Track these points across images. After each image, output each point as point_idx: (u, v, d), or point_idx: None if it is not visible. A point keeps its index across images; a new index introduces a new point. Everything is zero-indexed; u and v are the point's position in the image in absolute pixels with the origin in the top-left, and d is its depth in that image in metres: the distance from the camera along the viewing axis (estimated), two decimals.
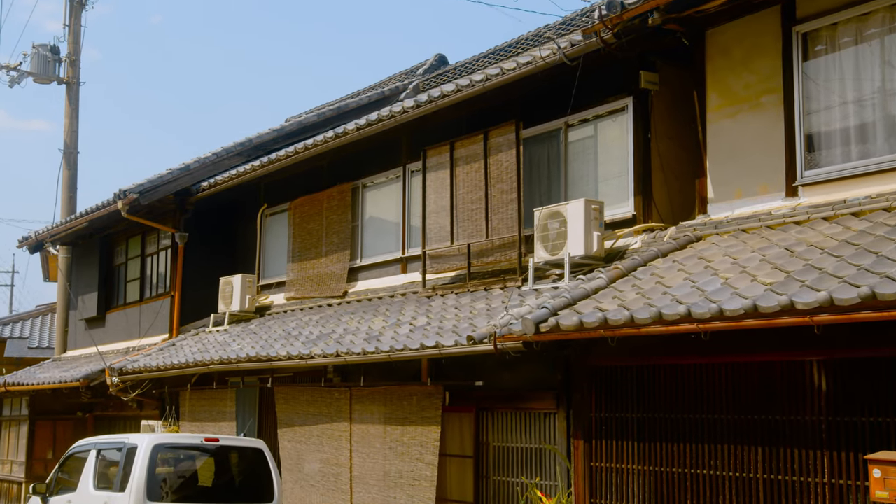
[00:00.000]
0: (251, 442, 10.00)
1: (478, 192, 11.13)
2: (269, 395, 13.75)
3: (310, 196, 14.95)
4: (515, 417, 9.67)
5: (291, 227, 15.29)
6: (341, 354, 10.29)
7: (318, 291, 14.45)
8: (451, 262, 11.50)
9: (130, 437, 9.52)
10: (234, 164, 16.72)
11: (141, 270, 18.00)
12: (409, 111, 11.68)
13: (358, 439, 10.78)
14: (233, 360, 12.22)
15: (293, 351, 11.14)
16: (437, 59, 19.45)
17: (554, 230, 9.86)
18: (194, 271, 16.61)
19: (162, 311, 16.83)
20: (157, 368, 14.03)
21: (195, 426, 14.26)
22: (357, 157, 14.00)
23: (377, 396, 10.58)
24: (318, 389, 11.63)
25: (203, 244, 16.68)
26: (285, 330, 12.82)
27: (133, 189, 15.71)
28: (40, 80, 23.09)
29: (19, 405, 19.25)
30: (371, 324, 11.09)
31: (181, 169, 16.23)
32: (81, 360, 18.49)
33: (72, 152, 22.65)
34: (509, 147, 10.77)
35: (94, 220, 17.48)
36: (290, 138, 17.27)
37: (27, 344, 31.65)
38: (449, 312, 10.26)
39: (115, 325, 18.42)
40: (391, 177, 13.49)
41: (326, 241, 14.46)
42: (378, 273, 13.52)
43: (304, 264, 14.83)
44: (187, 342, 15.36)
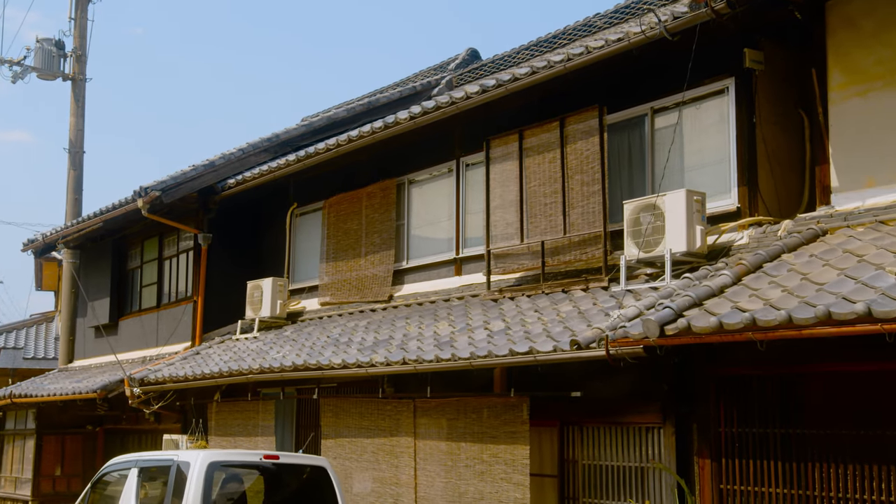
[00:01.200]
0: (313, 459, 8.97)
1: (552, 185, 10.16)
2: (307, 407, 12.73)
3: (347, 194, 13.95)
4: (609, 432, 8.68)
5: (326, 228, 14.28)
6: (409, 362, 9.28)
7: (357, 296, 13.44)
8: (520, 261, 10.52)
9: (180, 454, 8.48)
10: (260, 161, 15.73)
11: (158, 275, 16.93)
12: (474, 97, 10.70)
13: (424, 456, 9.76)
14: (276, 368, 11.18)
15: (349, 359, 10.12)
16: (468, 53, 18.53)
17: (647, 225, 8.90)
18: (216, 275, 15.58)
19: (182, 317, 15.77)
20: (185, 378, 12.97)
21: (226, 441, 13.20)
22: (402, 150, 13.01)
23: (447, 409, 9.57)
24: (373, 401, 10.61)
25: (224, 246, 15.65)
26: (330, 337, 11.79)
27: (155, 186, 14.68)
28: (44, 76, 22.04)
29: (24, 418, 18.10)
30: (435, 329, 10.10)
31: (205, 165, 15.21)
32: (92, 370, 17.39)
33: (77, 152, 21.59)
34: (590, 134, 9.81)
35: (109, 221, 16.43)
36: (318, 134, 16.31)
37: (22, 354, 30.53)
38: (528, 316, 9.27)
39: (129, 332, 17.34)
40: (442, 171, 12.51)
41: (366, 242, 13.46)
42: (427, 275, 12.53)
43: (341, 267, 13.82)
44: (213, 351, 14.31)
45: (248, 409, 12.82)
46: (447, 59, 18.80)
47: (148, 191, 14.69)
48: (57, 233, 17.98)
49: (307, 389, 12.44)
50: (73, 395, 15.05)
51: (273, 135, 16.13)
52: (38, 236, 18.96)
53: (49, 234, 18.35)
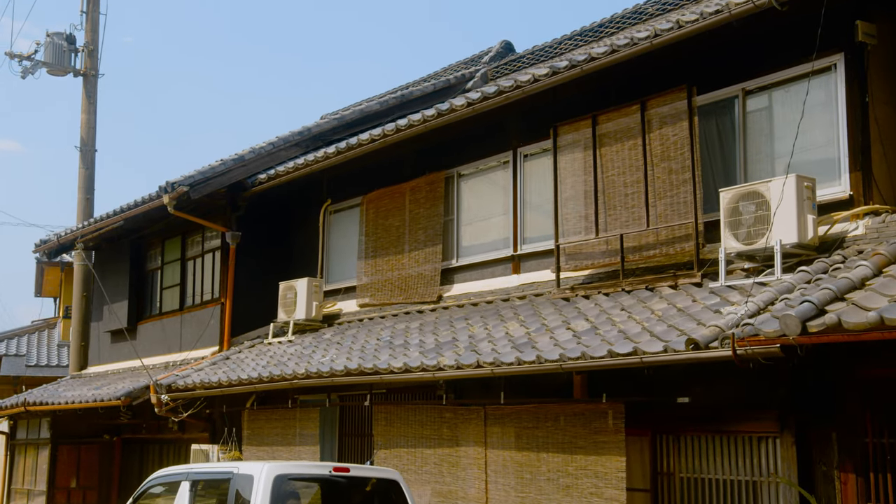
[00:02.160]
0: (384, 472, 8.14)
1: (633, 174, 9.37)
2: (351, 415, 11.90)
3: (388, 188, 13.14)
4: (712, 442, 7.87)
5: (364, 225, 13.47)
6: (484, 365, 8.46)
7: (401, 296, 12.62)
8: (594, 257, 9.73)
9: (240, 466, 7.63)
10: (290, 156, 14.92)
11: (181, 276, 16.08)
12: (542, 80, 9.91)
13: (496, 468, 8.94)
14: (324, 373, 10.35)
15: (411, 362, 9.29)
16: (503, 45, 17.75)
17: (749, 215, 8.12)
18: (243, 276, 14.73)
19: (209, 320, 14.93)
20: (219, 385, 12.12)
21: (262, 451, 12.35)
22: (451, 142, 12.23)
23: (524, 416, 8.75)
24: (435, 408, 9.79)
25: (252, 246, 14.80)
26: (381, 340, 10.96)
27: (182, 181, 13.84)
28: (55, 71, 21.20)
29: (37, 427, 17.21)
30: (506, 329, 9.28)
31: (235, 160, 14.38)
32: (110, 377, 16.52)
33: (89, 150, 20.76)
34: (677, 118, 9.02)
35: (130, 220, 15.58)
36: (351, 128, 15.52)
37: (25, 362, 29.65)
38: (616, 315, 8.46)
39: (150, 337, 16.48)
40: (496, 163, 11.71)
41: (411, 240, 12.65)
42: (480, 274, 11.72)
43: (381, 266, 13.00)
44: (245, 355, 13.47)
45: (287, 417, 11.97)
46: (479, 52, 18.02)
47: (175, 186, 13.85)
48: (73, 232, 17.11)
49: (352, 396, 11.63)
50: (95, 402, 14.17)
51: (304, 128, 15.32)
52: (51, 237, 18.08)
53: (64, 233, 17.48)
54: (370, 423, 11.51)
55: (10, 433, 18.09)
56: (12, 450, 18.01)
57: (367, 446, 11.56)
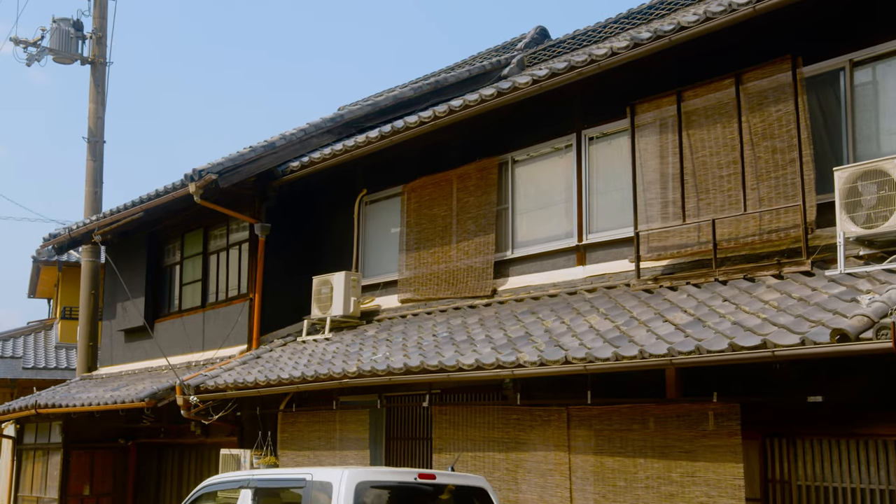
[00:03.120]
0: (471, 478, 7.33)
1: (727, 154, 8.59)
2: (399, 416, 11.08)
3: (432, 176, 12.34)
4: (837, 446, 7.10)
5: (406, 216, 12.66)
6: (574, 361, 7.65)
7: (449, 291, 11.81)
8: (680, 245, 8.95)
9: (314, 473, 6.80)
10: (322, 143, 14.09)
11: (203, 271, 15.22)
12: (622, 53, 9.11)
13: (583, 474, 8.14)
14: (380, 372, 9.52)
15: (485, 358, 8.48)
16: (538, 31, 17.00)
17: (871, 195, 7.36)
18: (270, 271, 13.87)
19: (234, 317, 14.07)
20: (255, 385, 11.27)
21: (301, 456, 11.51)
22: (504, 126, 11.45)
23: (615, 418, 7.96)
24: (508, 409, 8.98)
25: (279, 239, 13.94)
26: (438, 336, 10.15)
27: (210, 168, 12.98)
28: (61, 59, 20.29)
29: (47, 432, 16.29)
30: (589, 323, 8.48)
31: (265, 146, 13.53)
32: (125, 378, 15.63)
33: (97, 141, 19.87)
34: (780, 92, 8.25)
35: (149, 211, 14.70)
36: (385, 115, 14.71)
37: (21, 364, 28.71)
38: (721, 307, 7.67)
39: (168, 336, 15.60)
40: (557, 147, 10.93)
41: (459, 231, 11.85)
42: (539, 266, 10.93)
43: (426, 259, 12.20)
44: (278, 354, 12.63)
45: (330, 420, 11.15)
46: (513, 38, 17.26)
47: (202, 173, 12.99)
48: (86, 225, 16.19)
49: (403, 397, 10.83)
50: (115, 404, 13.28)
51: (336, 114, 14.51)
52: (61, 231, 17.16)
53: (76, 227, 16.56)
54: (422, 426, 10.72)
55: (16, 437, 17.15)
56: (19, 455, 17.09)
57: (418, 451, 10.75)
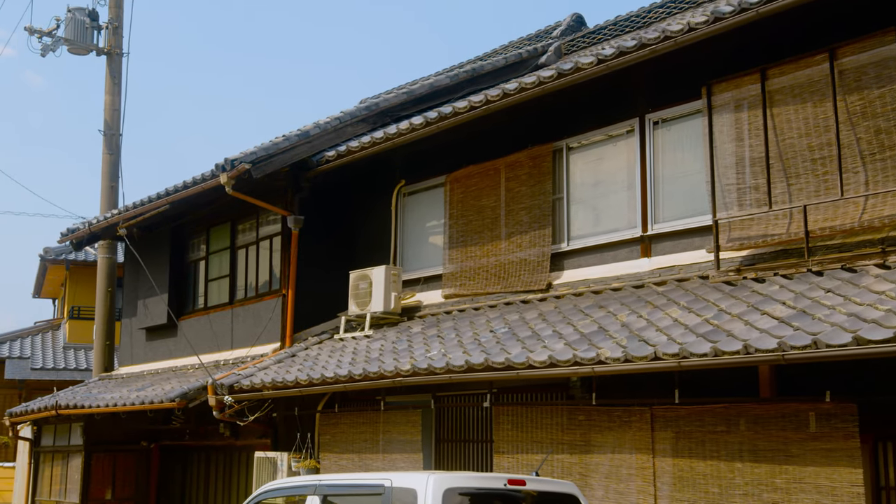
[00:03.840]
0: (561, 485, 6.75)
1: (820, 136, 8.01)
2: (448, 417, 10.50)
3: (479, 166, 11.76)
4: None
5: (449, 207, 12.08)
6: (665, 357, 7.07)
7: (499, 285, 11.23)
8: (764, 234, 8.36)
9: (393, 478, 6.22)
10: (357, 132, 13.51)
11: (231, 266, 14.62)
12: (700, 28, 8.52)
13: (669, 479, 7.55)
14: (438, 369, 8.92)
15: (559, 355, 7.89)
16: (574, 19, 16.44)
17: None
18: (302, 266, 13.27)
19: (265, 314, 13.47)
20: (296, 384, 10.67)
21: (345, 459, 10.92)
22: (558, 111, 10.88)
23: (707, 418, 7.37)
24: (580, 409, 8.39)
25: (311, 232, 13.34)
26: (497, 331, 9.55)
27: (243, 158, 12.39)
28: (76, 49, 19.67)
29: (66, 434, 15.67)
30: (673, 317, 7.89)
31: (299, 135, 12.94)
32: (148, 378, 15.02)
33: (113, 134, 19.25)
34: (882, 67, 7.67)
35: (176, 204, 14.10)
36: (420, 103, 14.14)
37: (30, 364, 28.14)
38: (826, 298, 7.07)
39: (194, 334, 14.99)
40: (616, 132, 10.36)
41: (508, 222, 11.27)
42: (599, 258, 10.36)
43: (473, 253, 11.62)
44: (316, 352, 12.03)
45: (377, 421, 10.55)
46: (547, 26, 16.69)
47: (234, 163, 12.39)
48: (108, 219, 15.58)
49: (453, 397, 10.26)
50: (142, 405, 12.68)
51: (371, 102, 13.93)
52: (80, 225, 16.56)
53: (96, 221, 15.95)
54: (476, 427, 10.15)
55: (34, 440, 16.53)
56: (37, 458, 16.47)
57: (472, 453, 10.17)
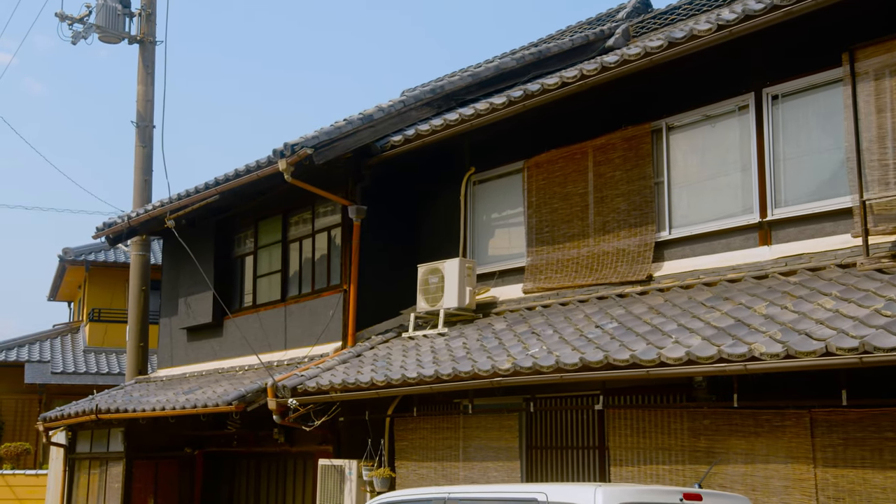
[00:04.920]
0: (734, 499, 5.86)
1: None
2: (542, 422, 9.58)
3: (563, 150, 10.88)
4: None
5: (529, 195, 11.20)
6: (840, 352, 6.16)
7: (591, 277, 10.33)
8: None
9: (551, 491, 5.34)
10: (421, 117, 12.65)
11: (282, 261, 13.71)
12: None
13: (834, 493, 6.63)
14: (545, 368, 8.01)
15: (698, 350, 6.98)
16: (639, 1, 15.53)
17: None
18: (363, 259, 12.37)
19: (324, 311, 12.56)
20: (372, 386, 9.77)
21: (426, 468, 10.01)
22: (656, 87, 10.00)
23: (887, 423, 6.46)
24: (716, 412, 7.48)
25: (372, 223, 12.43)
26: (602, 327, 8.63)
27: (304, 142, 11.50)
28: (107, 37, 18.81)
29: (105, 440, 14.76)
30: (825, 307, 6.98)
31: (362, 119, 12.05)
32: (193, 381, 14.12)
33: (147, 125, 18.42)
34: None
35: (226, 194, 13.20)
36: (486, 86, 13.28)
37: (50, 368, 27.28)
38: None
39: (241, 333, 14.09)
40: (728, 109, 9.47)
41: (600, 209, 10.39)
42: (707, 247, 9.47)
43: (559, 244, 10.74)
44: (385, 351, 11.13)
45: (466, 426, 9.64)
46: (611, 8, 15.82)
47: (295, 148, 11.50)
48: (148, 212, 14.67)
49: (549, 399, 9.35)
50: (194, 409, 11.77)
51: (436, 85, 13.04)
52: (117, 219, 15.66)
53: (136, 214, 15.05)
54: (580, 432, 9.23)
55: (69, 446, 15.63)
56: (72, 465, 15.56)
57: (570, 461, 9.25)
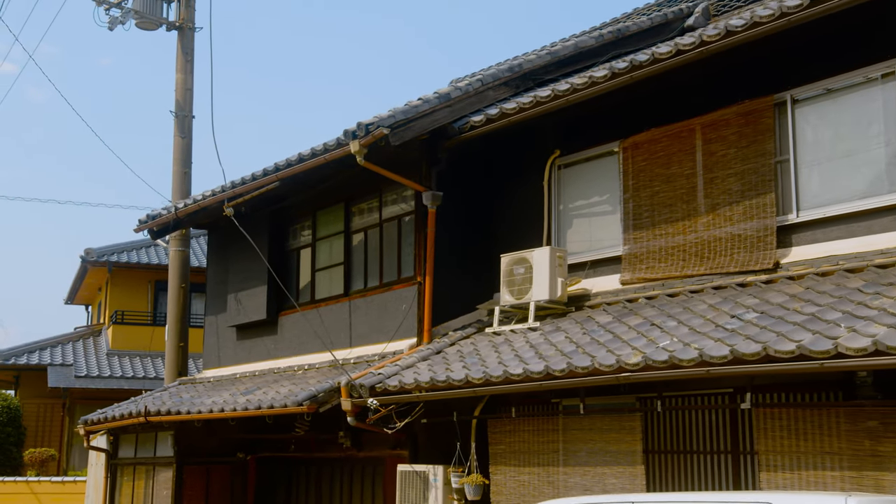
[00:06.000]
0: None
1: None
2: (661, 424, 8.68)
3: (664, 128, 10.03)
4: None
5: (626, 178, 10.32)
6: None
7: (702, 266, 9.44)
8: None
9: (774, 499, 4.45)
10: (499, 97, 11.76)
11: (345, 253, 12.81)
12: None
13: None
14: (685, 361, 7.10)
15: (888, 339, 6.07)
16: None
17: None
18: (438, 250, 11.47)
19: (395, 306, 11.67)
20: (467, 383, 8.86)
21: (528, 474, 9.09)
22: (775, 58, 9.12)
23: None
24: (884, 412, 6.57)
25: (444, 211, 11.53)
26: (740, 318, 7.71)
27: (380, 121, 10.61)
28: (145, 23, 18.00)
29: (152, 443, 13.87)
30: None
31: (438, 98, 11.16)
32: (246, 381, 13.21)
33: (186, 115, 17.58)
34: None
35: (286, 181, 12.32)
36: (565, 65, 12.39)
37: (73, 372, 26.47)
38: None
39: (299, 330, 13.20)
40: (865, 77, 8.58)
41: (708, 192, 9.51)
42: (845, 230, 8.59)
43: (661, 230, 9.87)
44: (469, 347, 10.23)
45: (576, 428, 8.73)
46: None
47: (370, 128, 10.62)
48: (196, 203, 13.75)
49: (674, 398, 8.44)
50: (258, 410, 10.86)
51: (514, 64, 12.15)
52: (161, 210, 14.76)
53: (183, 205, 14.14)
54: (712, 434, 8.32)
55: (111, 451, 14.73)
56: (114, 471, 14.66)
57: (694, 467, 8.34)
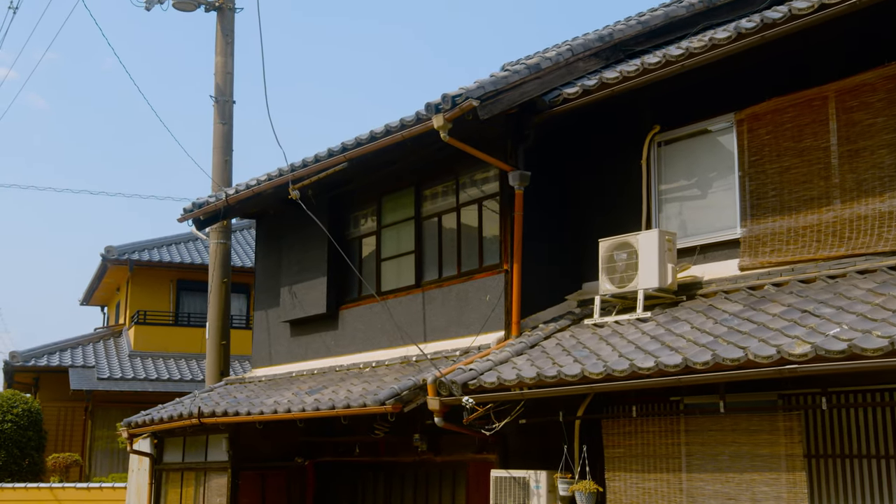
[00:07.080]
0: None
1: None
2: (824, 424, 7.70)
3: (790, 97, 9.10)
4: None
5: (742, 154, 9.38)
6: None
7: (842, 248, 8.49)
8: None
9: None
10: (589, 69, 10.82)
11: (416, 241, 11.83)
12: None
13: None
14: (870, 351, 6.14)
15: None
16: None
17: None
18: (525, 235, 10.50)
19: (477, 296, 10.69)
20: (583, 378, 7.89)
21: (654, 480, 8.10)
22: None
23: None
24: None
25: (531, 192, 10.54)
26: None
27: (469, 93, 9.65)
28: (183, 4, 17.05)
29: (202, 447, 12.88)
30: None
31: (528, 68, 10.19)
32: (304, 380, 12.23)
33: (226, 101, 16.69)
34: None
35: (355, 161, 11.35)
36: (655, 37, 11.49)
37: (95, 374, 25.60)
38: None
39: (362, 325, 12.22)
40: None
41: (849, 166, 8.60)
42: None
43: (789, 209, 8.92)
44: (570, 341, 9.26)
45: (712, 428, 7.74)
46: None
47: (457, 100, 9.66)
48: (250, 188, 12.74)
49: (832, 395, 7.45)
50: (332, 410, 9.88)
51: (604, 33, 11.17)
52: (208, 198, 13.78)
53: (235, 191, 13.14)
54: (867, 437, 7.34)
55: (155, 456, 13.75)
56: (158, 476, 13.67)
57: (858, 474, 7.35)
